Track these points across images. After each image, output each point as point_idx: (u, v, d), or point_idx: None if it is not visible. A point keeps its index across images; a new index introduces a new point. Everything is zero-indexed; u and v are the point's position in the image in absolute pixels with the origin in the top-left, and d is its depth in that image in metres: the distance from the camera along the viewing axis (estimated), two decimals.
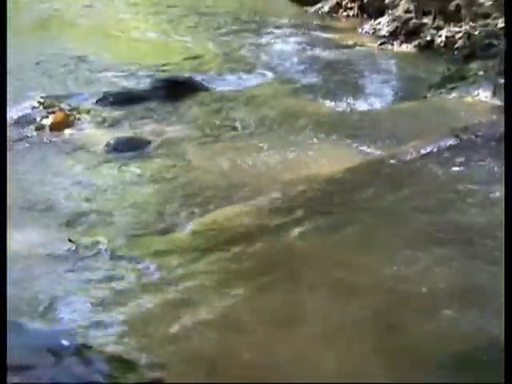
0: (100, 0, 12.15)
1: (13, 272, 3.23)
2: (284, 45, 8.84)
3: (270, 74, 7.38)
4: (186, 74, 7.06)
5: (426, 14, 9.04)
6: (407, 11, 9.34)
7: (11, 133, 5.33)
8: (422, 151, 4.63)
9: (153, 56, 8.20)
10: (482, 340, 2.70)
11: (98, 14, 10.89)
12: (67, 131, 5.37)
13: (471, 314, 2.87)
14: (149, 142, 5.07)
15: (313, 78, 7.33)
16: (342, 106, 6.26)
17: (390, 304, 2.97)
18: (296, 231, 3.63)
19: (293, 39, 9.13)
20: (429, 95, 6.43)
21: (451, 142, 4.76)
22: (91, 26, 10.01)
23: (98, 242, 3.56)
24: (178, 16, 10.69)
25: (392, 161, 4.55)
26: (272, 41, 9.03)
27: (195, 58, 8.08)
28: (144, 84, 6.57)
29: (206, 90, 6.54)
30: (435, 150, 4.66)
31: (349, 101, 6.41)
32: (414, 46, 8.46)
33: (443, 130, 5.06)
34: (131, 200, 4.24)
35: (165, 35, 9.45)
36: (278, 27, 9.90)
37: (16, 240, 3.64)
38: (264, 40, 9.06)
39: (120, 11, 11.19)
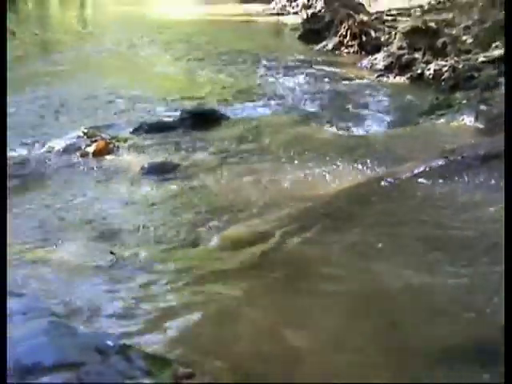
0: (130, 41, 12.34)
1: (62, 281, 3.28)
2: (293, 78, 8.89)
3: (280, 104, 7.43)
4: (210, 105, 7.12)
5: (416, 50, 9.09)
6: (400, 48, 9.39)
7: (60, 159, 5.41)
8: (416, 171, 4.62)
9: (180, 90, 8.27)
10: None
11: (129, 53, 11.01)
12: (108, 157, 5.41)
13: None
14: (178, 166, 5.09)
15: (318, 107, 7.37)
16: (343, 132, 6.27)
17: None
18: (307, 240, 3.64)
19: (301, 73, 9.18)
20: (420, 121, 6.45)
21: (441, 162, 4.76)
22: (123, 65, 10.12)
23: (135, 254, 3.57)
24: (199, 54, 10.79)
25: (389, 179, 4.55)
26: (283, 74, 9.09)
27: (217, 90, 8.15)
28: (173, 115, 6.59)
29: (227, 118, 6.57)
30: (427, 169, 4.66)
31: (350, 127, 6.44)
32: (407, 78, 8.50)
33: (433, 151, 5.06)
34: (163, 216, 4.25)
35: (189, 71, 9.52)
36: (287, 62, 9.96)
37: (65, 253, 3.69)
38: (275, 74, 9.10)
39: (149, 51, 11.29)
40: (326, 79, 8.71)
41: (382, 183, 4.49)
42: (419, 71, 8.48)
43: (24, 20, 16.39)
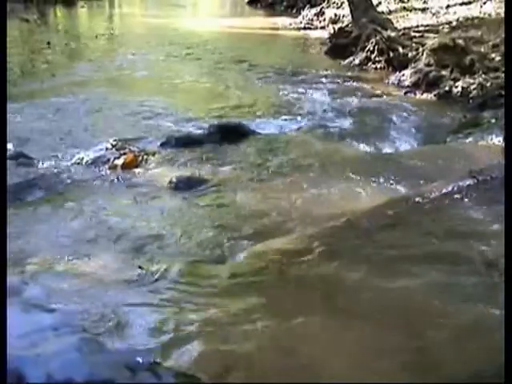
0: (157, 53, 12.44)
1: (92, 295, 3.30)
2: (320, 93, 8.88)
3: (307, 120, 7.41)
4: (237, 120, 7.14)
5: (444, 67, 9.05)
6: (428, 64, 9.35)
7: (89, 171, 5.46)
8: (444, 190, 4.61)
9: (208, 103, 8.32)
10: None
11: (156, 65, 11.09)
12: (136, 170, 5.45)
13: None
14: (205, 181, 5.11)
15: (345, 124, 7.31)
16: (371, 149, 6.26)
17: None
18: (330, 262, 3.64)
19: (328, 88, 9.18)
20: (448, 140, 6.42)
21: (469, 182, 4.74)
22: (151, 77, 10.20)
23: (164, 269, 3.59)
24: (226, 68, 10.85)
25: (417, 199, 4.53)
26: (309, 90, 9.06)
27: (244, 105, 8.17)
28: (201, 129, 6.62)
29: (254, 133, 6.59)
30: (455, 189, 4.64)
31: (377, 144, 6.41)
32: (434, 95, 8.47)
33: (462, 171, 5.04)
34: (190, 231, 4.27)
35: (216, 85, 9.56)
36: (315, 78, 9.97)
37: (93, 266, 3.72)
38: (302, 89, 9.10)
39: (175, 63, 11.38)
40: (353, 95, 8.69)
41: (410, 202, 4.48)
42: (447, 88, 8.45)
43: (54, 30, 16.61)
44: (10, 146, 5.92)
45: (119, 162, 5.54)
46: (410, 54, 10.23)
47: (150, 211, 4.60)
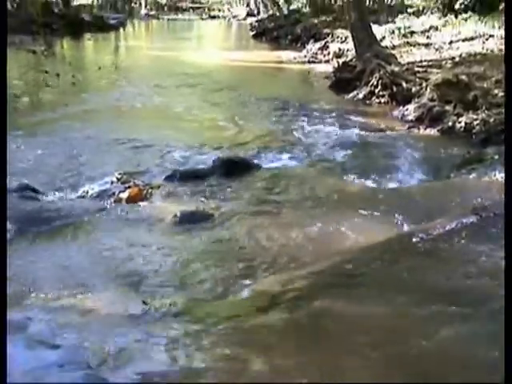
0: (163, 86, 12.57)
1: (96, 330, 3.31)
2: (324, 127, 8.93)
3: (310, 154, 7.46)
4: (240, 153, 7.20)
5: (447, 102, 9.12)
6: (431, 99, 9.43)
7: (93, 204, 5.50)
8: (447, 227, 4.63)
9: (211, 136, 8.38)
10: None
11: (161, 98, 11.20)
12: (141, 204, 5.48)
13: None
14: (210, 215, 5.15)
15: (348, 158, 7.35)
16: (374, 184, 6.29)
17: None
18: (333, 299, 3.65)
19: (332, 122, 9.24)
20: (452, 175, 6.45)
21: (472, 219, 4.76)
22: (156, 110, 10.30)
23: (168, 305, 3.61)
24: (232, 101, 10.95)
25: (420, 235, 4.55)
26: (313, 123, 9.13)
27: (247, 138, 8.24)
28: (205, 163, 6.68)
29: (257, 168, 6.64)
30: (459, 225, 4.66)
31: (380, 179, 6.44)
32: (438, 131, 8.53)
33: (465, 207, 5.06)
34: (194, 266, 4.29)
35: (220, 118, 9.65)
36: (319, 112, 10.05)
37: (97, 301, 3.73)
38: (306, 123, 9.17)
39: (180, 96, 11.48)
40: (357, 129, 8.75)
41: (414, 239, 4.50)
42: (450, 124, 8.50)
43: (60, 62, 16.80)
44: (14, 178, 5.99)
45: (124, 195, 5.58)
46: (413, 89, 10.31)
47: (154, 245, 4.63)
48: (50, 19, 24.75)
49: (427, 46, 15.05)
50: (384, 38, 16.44)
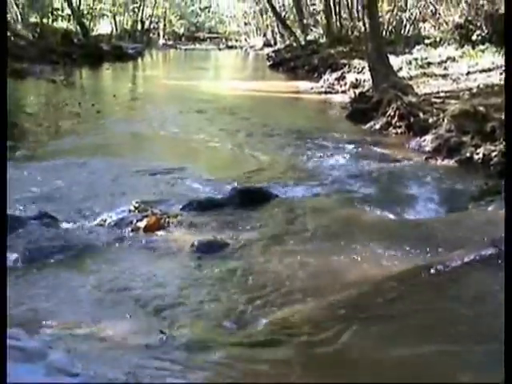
0: (179, 116, 12.71)
1: (113, 359, 3.33)
2: (341, 158, 8.96)
3: (328, 184, 7.48)
4: (257, 183, 7.24)
5: (465, 133, 9.13)
6: (449, 130, 9.45)
7: (111, 233, 5.55)
8: (466, 259, 4.62)
9: (228, 166, 8.45)
10: None
11: (178, 128, 11.32)
12: (158, 233, 5.52)
13: None
14: (227, 245, 5.17)
15: (366, 189, 7.35)
16: (391, 215, 6.29)
17: None
18: (349, 333, 3.64)
19: (349, 153, 9.26)
20: (470, 207, 6.44)
21: (491, 251, 4.74)
22: (173, 139, 10.40)
23: (185, 334, 3.62)
24: (249, 131, 11.03)
25: (438, 267, 4.54)
26: (331, 154, 9.17)
27: (264, 168, 8.29)
28: (222, 192, 6.72)
29: (275, 198, 6.65)
30: (477, 258, 4.65)
31: (398, 210, 6.45)
32: (455, 162, 8.51)
33: (483, 240, 5.04)
34: (211, 296, 4.31)
35: (237, 148, 9.72)
36: (336, 142, 10.09)
37: (115, 329, 3.75)
38: (323, 153, 9.21)
39: (197, 126, 11.59)
40: (374, 160, 8.77)
41: (431, 271, 4.49)
42: (468, 155, 8.49)
43: (79, 91, 17.05)
44: (34, 205, 6.08)
45: (142, 224, 5.61)
46: (430, 120, 10.34)
47: (171, 275, 4.66)
48: (70, 49, 25.24)
49: (444, 76, 15.14)
50: (401, 68, 16.55)
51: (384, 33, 22.50)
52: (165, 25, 53.10)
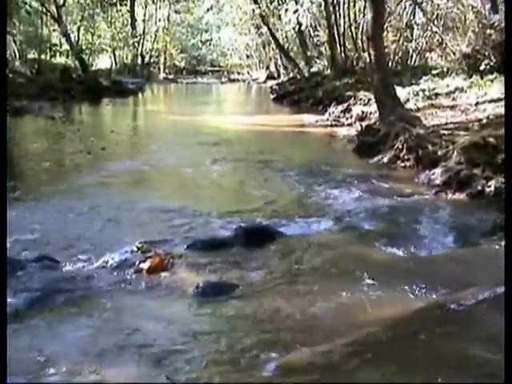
0: (181, 152, 12.81)
1: None
2: (348, 193, 8.99)
3: (335, 221, 7.50)
4: (263, 221, 7.29)
5: (475, 165, 9.16)
6: (459, 163, 9.47)
7: (114, 275, 5.57)
8: (479, 297, 4.63)
9: (232, 203, 8.49)
10: None
11: (179, 165, 11.39)
12: (162, 274, 5.53)
13: None
14: (233, 286, 5.19)
15: (374, 225, 7.36)
16: (400, 252, 6.29)
17: None
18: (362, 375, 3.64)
19: (356, 188, 9.29)
20: (482, 242, 6.45)
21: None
22: (174, 177, 10.47)
23: (191, 380, 3.63)
24: (253, 167, 11.10)
25: (451, 306, 4.55)
26: (337, 189, 9.20)
27: (269, 205, 8.32)
28: (227, 231, 6.76)
29: (281, 236, 6.69)
30: (491, 295, 4.65)
31: (407, 247, 6.45)
32: (466, 195, 8.52)
33: (497, 276, 5.04)
34: (218, 340, 4.32)
35: (241, 183, 9.78)
36: (342, 176, 10.14)
37: (118, 376, 3.77)
38: (329, 188, 9.25)
39: (200, 162, 11.66)
40: (382, 195, 8.80)
41: (444, 310, 4.50)
42: (479, 188, 8.52)
43: (78, 128, 17.19)
44: (33, 248, 6.10)
45: (145, 265, 5.63)
46: (439, 152, 10.38)
47: (175, 318, 4.67)
48: (69, 85, 25.54)
49: (453, 107, 15.25)
50: (408, 100, 16.69)
51: (390, 63, 22.75)
52: (165, 58, 53.76)
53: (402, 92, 16.50)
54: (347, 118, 17.67)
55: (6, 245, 4.35)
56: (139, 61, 44.49)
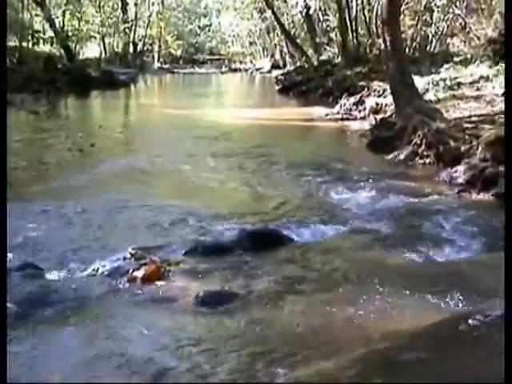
0: (179, 149, 12.82)
1: None
2: (362, 193, 9.01)
3: (348, 224, 7.51)
4: (268, 224, 7.31)
5: (501, 162, 9.14)
6: (483, 160, 9.48)
7: (104, 284, 5.58)
8: None
9: (236, 205, 8.50)
10: None
11: (178, 162, 11.42)
12: (158, 283, 5.53)
13: None
14: (236, 296, 5.20)
15: (390, 228, 7.36)
16: (420, 258, 6.30)
17: None
18: None
19: (370, 187, 9.30)
20: None
21: None
22: (173, 176, 10.48)
23: None
24: (258, 166, 11.12)
25: (477, 317, 4.54)
26: (350, 189, 9.22)
27: (276, 207, 8.35)
28: (229, 235, 6.78)
29: (288, 240, 6.72)
30: None
31: (427, 252, 6.46)
32: (492, 195, 8.53)
33: None
34: (220, 356, 4.32)
35: (245, 184, 9.80)
36: (355, 175, 10.15)
37: None
38: (342, 188, 9.26)
39: (200, 160, 11.68)
40: (399, 195, 8.81)
41: (469, 322, 4.49)
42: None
43: (64, 123, 17.24)
44: (11, 255, 6.06)
45: (139, 273, 5.63)
46: (462, 148, 10.40)
47: (174, 332, 4.66)
48: (54, 75, 25.58)
49: (477, 98, 15.26)
50: (427, 90, 16.72)
51: (407, 50, 22.77)
52: (160, 46, 53.87)
53: (420, 82, 16.51)
54: (360, 111, 17.70)
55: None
56: (131, 49, 44.61)
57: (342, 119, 17.32)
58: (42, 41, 33.97)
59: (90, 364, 4.24)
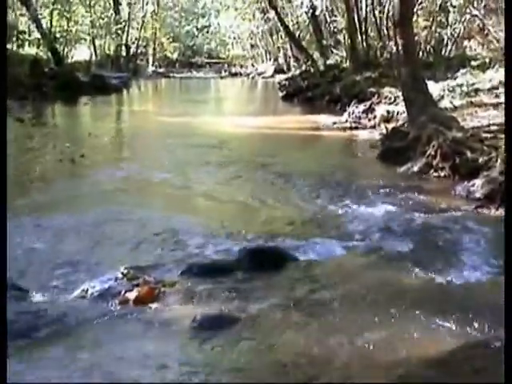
0: (175, 160, 12.84)
1: None
2: (372, 208, 9.00)
3: (357, 241, 7.50)
4: (271, 242, 7.29)
5: None
6: (503, 173, 9.45)
7: (95, 307, 5.56)
8: None
9: (236, 221, 8.50)
10: None
11: (174, 174, 11.43)
12: (152, 306, 5.53)
13: None
14: (235, 320, 5.18)
15: (403, 246, 7.33)
16: (435, 279, 6.29)
17: None
18: None
19: (381, 202, 9.30)
20: None
21: None
22: (167, 190, 10.48)
23: None
24: (258, 178, 11.12)
25: (497, 344, 4.53)
26: (359, 204, 9.21)
27: (279, 223, 8.34)
28: (229, 254, 6.77)
29: (293, 259, 6.70)
30: None
31: (442, 272, 6.44)
32: None
33: None
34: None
35: (246, 197, 9.79)
36: (365, 189, 10.15)
37: None
38: (351, 203, 9.25)
39: (198, 172, 11.70)
40: (412, 210, 8.81)
41: (492, 348, 4.49)
42: None
43: (51, 133, 17.26)
44: None
45: (132, 295, 5.63)
46: (480, 160, 10.38)
47: (169, 361, 4.64)
48: (40, 80, 25.61)
49: (496, 106, 15.23)
50: (442, 97, 16.73)
51: (420, 54, 22.81)
52: (154, 49, 54.08)
53: (434, 88, 16.54)
54: (370, 119, 17.72)
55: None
56: (124, 52, 44.78)
57: (351, 128, 17.32)
58: (27, 43, 34.02)
59: None
